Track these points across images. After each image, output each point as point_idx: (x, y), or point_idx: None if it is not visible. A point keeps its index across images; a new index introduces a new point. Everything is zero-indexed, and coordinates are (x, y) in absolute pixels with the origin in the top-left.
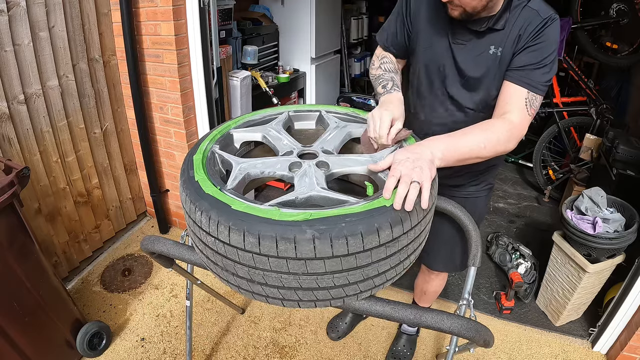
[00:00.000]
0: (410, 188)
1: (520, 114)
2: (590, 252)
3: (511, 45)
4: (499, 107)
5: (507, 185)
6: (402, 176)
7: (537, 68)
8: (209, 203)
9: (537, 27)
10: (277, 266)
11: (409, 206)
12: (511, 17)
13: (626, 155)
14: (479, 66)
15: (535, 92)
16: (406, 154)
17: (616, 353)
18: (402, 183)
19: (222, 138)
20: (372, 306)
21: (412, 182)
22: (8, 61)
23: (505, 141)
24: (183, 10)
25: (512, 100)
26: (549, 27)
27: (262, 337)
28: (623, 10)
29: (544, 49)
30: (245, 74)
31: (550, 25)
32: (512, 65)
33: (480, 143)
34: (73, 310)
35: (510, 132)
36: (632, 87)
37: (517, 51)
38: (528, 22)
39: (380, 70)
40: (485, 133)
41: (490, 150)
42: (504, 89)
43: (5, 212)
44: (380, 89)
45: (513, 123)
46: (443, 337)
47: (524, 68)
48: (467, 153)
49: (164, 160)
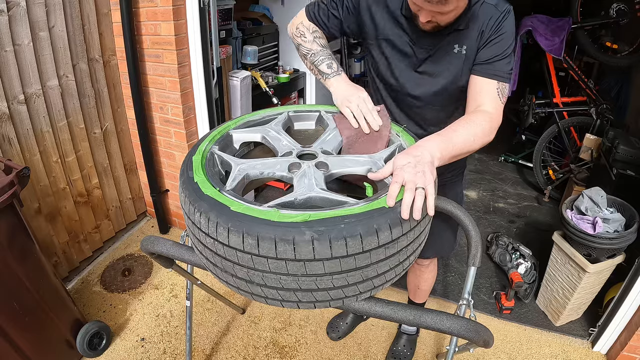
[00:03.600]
0: (416, 195)
1: (494, 104)
2: (590, 252)
3: (475, 42)
4: (472, 101)
5: (507, 185)
6: (407, 182)
7: (502, 59)
8: (208, 204)
9: (497, 20)
10: (276, 267)
11: (417, 214)
12: (471, 15)
13: (626, 155)
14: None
15: (503, 82)
16: (406, 158)
17: (616, 353)
18: (407, 190)
19: (221, 139)
20: (371, 307)
21: (417, 188)
22: (8, 61)
23: (489, 132)
24: (183, 10)
25: (484, 92)
26: (507, 19)
27: (262, 337)
28: (623, 10)
29: (505, 40)
30: (245, 74)
31: (508, 17)
32: (478, 59)
33: (469, 137)
34: (73, 310)
35: (490, 123)
36: (632, 87)
37: (481, 46)
38: (489, 17)
39: (316, 45)
40: (471, 127)
41: (478, 143)
42: (474, 83)
43: (5, 212)
44: (326, 67)
45: (491, 114)
46: (443, 337)
47: (489, 61)
48: (460, 149)
49: (164, 160)
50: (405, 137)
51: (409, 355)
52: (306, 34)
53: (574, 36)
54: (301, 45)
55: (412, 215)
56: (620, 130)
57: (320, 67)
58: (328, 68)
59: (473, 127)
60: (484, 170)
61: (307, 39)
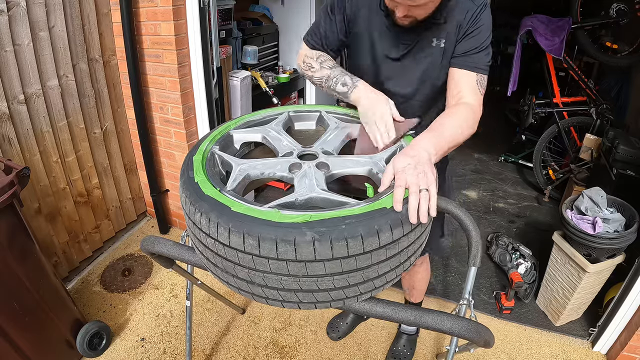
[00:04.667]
0: (421, 199)
1: (475, 96)
2: (590, 252)
3: (454, 36)
4: (453, 94)
5: (507, 185)
6: (410, 185)
7: (480, 51)
8: (208, 204)
9: (474, 13)
10: (277, 268)
11: (424, 218)
12: (449, 8)
13: (626, 155)
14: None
15: (482, 73)
16: (405, 160)
17: (616, 353)
18: (412, 194)
19: (222, 139)
20: (372, 307)
21: (421, 190)
22: (8, 61)
23: (472, 124)
24: (183, 10)
25: (465, 85)
26: (483, 12)
27: (262, 337)
28: (623, 10)
29: (483, 33)
30: (245, 74)
31: (485, 10)
32: (457, 52)
33: (457, 129)
34: (73, 310)
35: (474, 115)
36: (632, 87)
37: (460, 39)
38: (466, 11)
39: (325, 70)
40: (457, 120)
41: (465, 135)
42: (454, 75)
43: (5, 212)
44: (341, 87)
45: (473, 106)
46: (443, 337)
47: (468, 53)
48: (451, 142)
49: (164, 160)
50: (406, 138)
51: (409, 355)
52: (313, 63)
53: (574, 36)
54: (313, 77)
55: (420, 219)
56: (620, 130)
57: (337, 88)
58: (343, 87)
59: (458, 119)
60: (484, 170)
61: (315, 69)
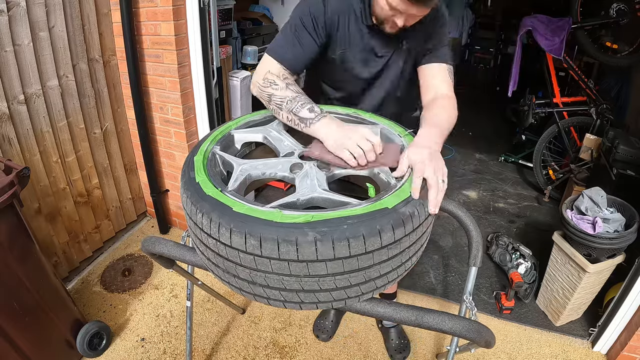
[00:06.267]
0: (439, 192)
1: (449, 86)
2: (591, 252)
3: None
4: (429, 88)
5: (507, 185)
6: (430, 178)
7: (444, 45)
8: (210, 205)
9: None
10: (278, 268)
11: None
12: None
13: (626, 155)
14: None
15: (451, 64)
16: (420, 152)
17: (616, 353)
18: (432, 187)
19: (222, 139)
20: (373, 307)
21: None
22: (8, 61)
23: (454, 113)
24: (183, 10)
25: (439, 77)
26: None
27: (262, 337)
28: (623, 10)
29: (443, 29)
30: (246, 74)
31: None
32: (425, 50)
33: (447, 120)
34: (73, 310)
35: (453, 104)
36: (632, 87)
37: (427, 38)
38: None
39: (290, 92)
40: (444, 111)
41: (452, 124)
42: (427, 71)
43: (5, 212)
44: (307, 112)
45: (450, 96)
46: (443, 337)
47: (436, 48)
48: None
49: (164, 160)
50: (407, 138)
51: (406, 344)
52: (277, 81)
53: (574, 36)
54: (273, 95)
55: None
56: (620, 130)
57: (301, 113)
58: (310, 112)
59: (446, 111)
60: (484, 170)
61: (278, 86)
